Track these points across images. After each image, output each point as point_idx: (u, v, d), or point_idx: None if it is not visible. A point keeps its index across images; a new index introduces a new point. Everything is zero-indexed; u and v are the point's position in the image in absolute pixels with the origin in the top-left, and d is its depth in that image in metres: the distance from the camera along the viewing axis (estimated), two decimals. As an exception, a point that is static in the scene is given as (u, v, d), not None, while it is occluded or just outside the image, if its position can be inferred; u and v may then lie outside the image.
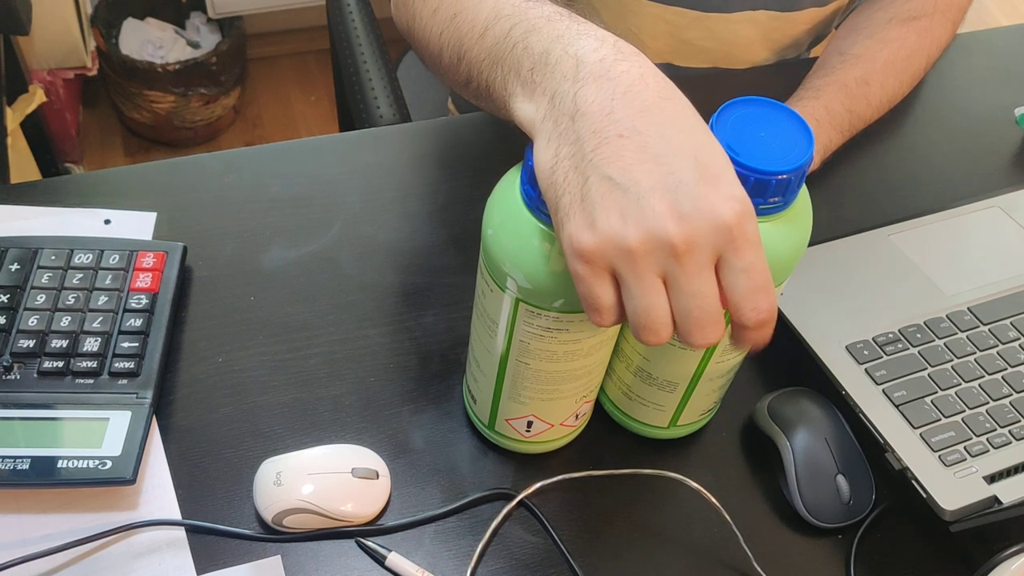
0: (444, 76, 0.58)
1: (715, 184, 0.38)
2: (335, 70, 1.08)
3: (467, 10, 0.53)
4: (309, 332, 0.65)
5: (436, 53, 0.57)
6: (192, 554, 0.54)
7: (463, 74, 0.53)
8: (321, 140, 0.77)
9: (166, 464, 0.58)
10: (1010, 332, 0.64)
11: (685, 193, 0.38)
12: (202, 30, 1.92)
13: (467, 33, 0.52)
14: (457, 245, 0.71)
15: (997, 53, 0.93)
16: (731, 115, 0.45)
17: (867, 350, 0.62)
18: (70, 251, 0.64)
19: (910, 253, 0.69)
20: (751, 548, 0.56)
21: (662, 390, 0.57)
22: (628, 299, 0.40)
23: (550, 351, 0.50)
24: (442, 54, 0.56)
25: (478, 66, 0.50)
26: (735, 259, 0.38)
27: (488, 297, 0.50)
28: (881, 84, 0.77)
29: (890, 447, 0.58)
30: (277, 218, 0.71)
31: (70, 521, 0.55)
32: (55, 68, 1.61)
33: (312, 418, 0.61)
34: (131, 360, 0.59)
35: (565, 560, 0.56)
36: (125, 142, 1.92)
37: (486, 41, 0.49)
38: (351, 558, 0.55)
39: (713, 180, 0.38)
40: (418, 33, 0.60)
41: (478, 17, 0.51)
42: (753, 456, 0.62)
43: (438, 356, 0.64)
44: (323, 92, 2.03)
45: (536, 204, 0.44)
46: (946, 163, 0.82)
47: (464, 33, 0.52)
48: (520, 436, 0.58)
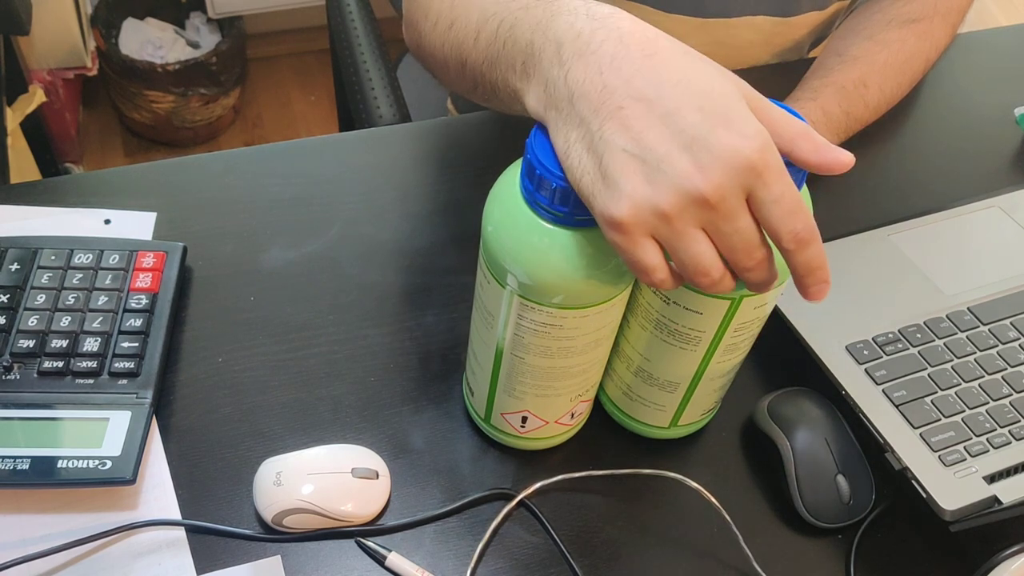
0: (453, 86, 0.59)
1: (726, 126, 0.39)
2: (335, 70, 1.08)
3: (461, 17, 0.54)
4: (309, 332, 0.65)
5: (443, 65, 0.58)
6: (192, 554, 0.54)
7: (469, 80, 0.54)
8: (321, 140, 0.77)
9: (166, 464, 0.58)
10: (1010, 332, 0.64)
11: (701, 145, 0.38)
12: (202, 30, 1.92)
13: (464, 40, 0.53)
14: (457, 245, 0.71)
15: (997, 53, 0.93)
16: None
17: (867, 350, 0.62)
18: (70, 251, 0.64)
19: (910, 253, 0.69)
20: (751, 548, 0.56)
21: (663, 390, 0.57)
22: (674, 255, 0.41)
23: (545, 347, 0.50)
24: (448, 64, 0.57)
25: (479, 69, 0.51)
26: (764, 193, 0.39)
27: (486, 290, 0.50)
28: (879, 86, 0.77)
29: (890, 447, 0.58)
30: (277, 218, 0.71)
31: (70, 521, 0.55)
32: (55, 68, 1.61)
33: (312, 418, 0.61)
34: (131, 360, 0.59)
35: (565, 560, 0.56)
36: (125, 142, 1.92)
37: (480, 44, 0.50)
38: (351, 558, 0.55)
39: (724, 122, 0.39)
40: (426, 49, 0.61)
41: (471, 22, 0.52)
42: (753, 456, 0.62)
43: (438, 356, 0.64)
44: (323, 92, 2.03)
45: (536, 200, 0.44)
46: (946, 163, 0.82)
47: (462, 40, 0.53)
48: (515, 431, 0.58)
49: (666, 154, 0.39)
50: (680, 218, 0.39)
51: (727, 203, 0.39)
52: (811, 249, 0.40)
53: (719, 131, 0.38)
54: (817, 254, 0.41)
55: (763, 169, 0.39)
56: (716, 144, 0.38)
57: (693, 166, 0.38)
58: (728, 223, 0.39)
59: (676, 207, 0.39)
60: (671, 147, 0.39)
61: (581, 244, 0.45)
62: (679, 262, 0.41)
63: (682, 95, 0.39)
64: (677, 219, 0.39)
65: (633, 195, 0.39)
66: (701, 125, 0.39)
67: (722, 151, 0.38)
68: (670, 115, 0.39)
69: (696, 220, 0.40)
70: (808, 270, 0.41)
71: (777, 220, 0.40)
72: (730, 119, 0.39)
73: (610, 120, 0.40)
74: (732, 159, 0.38)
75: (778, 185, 0.39)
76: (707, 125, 0.39)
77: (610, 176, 0.40)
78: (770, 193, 0.39)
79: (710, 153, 0.38)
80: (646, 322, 0.53)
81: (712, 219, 0.39)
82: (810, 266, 0.41)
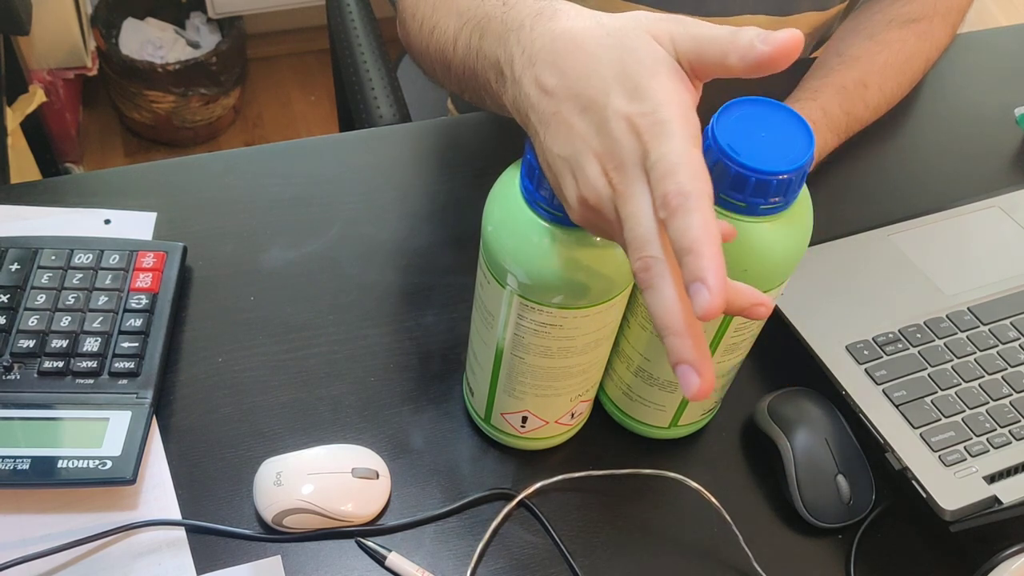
0: (443, 86, 0.59)
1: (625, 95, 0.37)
2: (335, 70, 1.08)
3: (441, 23, 0.54)
4: (309, 332, 0.65)
5: (430, 67, 0.59)
6: (192, 554, 0.54)
7: (455, 83, 0.54)
8: (321, 140, 0.77)
9: (166, 464, 0.58)
10: (1010, 332, 0.64)
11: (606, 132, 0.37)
12: (202, 30, 1.92)
13: (444, 45, 0.53)
14: (457, 245, 0.71)
15: (997, 53, 0.93)
16: (731, 115, 0.45)
17: (867, 350, 0.62)
18: (70, 251, 0.64)
19: (910, 253, 0.69)
20: (751, 548, 0.56)
21: (663, 390, 0.57)
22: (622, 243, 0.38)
23: (545, 347, 0.50)
24: (434, 67, 0.57)
25: (462, 74, 0.52)
26: (647, 161, 0.36)
27: (486, 290, 0.50)
28: (879, 86, 0.77)
29: (890, 447, 0.58)
30: (277, 218, 0.71)
31: (70, 521, 0.55)
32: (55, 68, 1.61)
33: (312, 418, 0.61)
34: (131, 360, 0.59)
35: (565, 560, 0.56)
36: (125, 142, 1.92)
37: (458, 52, 0.51)
38: (351, 558, 0.55)
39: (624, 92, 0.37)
40: (415, 48, 0.62)
41: (449, 29, 0.53)
42: (753, 456, 0.62)
43: (438, 356, 0.64)
44: (323, 92, 2.03)
45: (536, 200, 0.44)
46: (946, 163, 0.82)
47: (443, 45, 0.53)
48: (515, 431, 0.58)
49: (584, 145, 0.39)
50: (605, 208, 0.38)
51: (619, 176, 0.36)
52: (682, 219, 0.33)
53: (615, 102, 0.37)
54: (693, 227, 0.33)
55: (642, 131, 0.36)
56: (610, 117, 0.37)
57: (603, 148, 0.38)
58: (622, 207, 0.37)
59: (594, 197, 0.38)
60: (589, 137, 0.38)
61: (581, 244, 0.45)
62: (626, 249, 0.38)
63: (598, 82, 0.38)
64: (604, 209, 0.38)
65: (571, 199, 0.40)
66: (606, 108, 0.38)
67: (609, 121, 0.37)
68: (586, 107, 0.39)
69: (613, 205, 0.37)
70: (681, 248, 0.33)
71: (655, 186, 0.35)
72: (638, 96, 0.37)
73: (549, 128, 0.40)
74: (614, 126, 0.37)
75: (660, 147, 0.35)
76: (623, 105, 0.37)
77: (557, 185, 0.41)
78: (649, 158, 0.35)
79: (606, 125, 0.37)
80: (646, 322, 0.53)
81: (619, 204, 0.37)
82: (681, 243, 0.33)
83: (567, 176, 0.40)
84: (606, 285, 0.47)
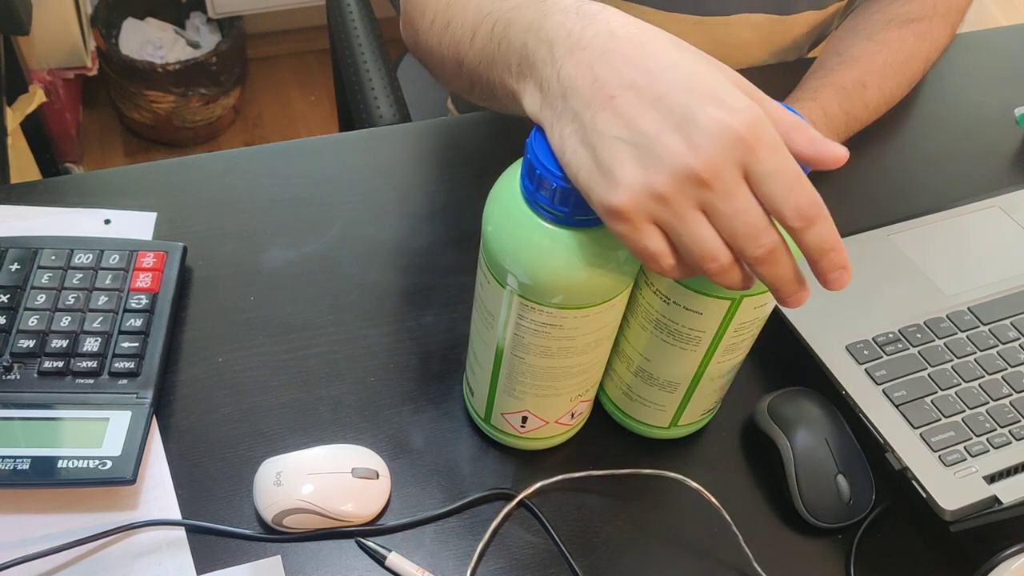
0: (450, 85, 0.59)
1: (716, 103, 0.38)
2: (335, 70, 1.08)
3: (457, 17, 0.54)
4: (309, 332, 0.65)
5: (439, 64, 0.58)
6: (192, 554, 0.54)
7: (466, 80, 0.54)
8: (321, 140, 0.77)
9: (166, 464, 0.58)
10: (1010, 332, 0.64)
11: (691, 124, 0.38)
12: (202, 30, 1.92)
13: (460, 40, 0.53)
14: (457, 245, 0.71)
15: (997, 53, 0.93)
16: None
17: (867, 350, 0.62)
18: (70, 251, 0.64)
19: (910, 253, 0.69)
20: (751, 548, 0.56)
21: (663, 390, 0.57)
22: (677, 240, 0.40)
23: (545, 347, 0.50)
24: (444, 64, 0.57)
25: (476, 70, 0.51)
26: (760, 167, 0.38)
27: (486, 290, 0.50)
28: (879, 86, 0.77)
29: (890, 447, 0.58)
30: (277, 218, 0.71)
31: (70, 521, 0.55)
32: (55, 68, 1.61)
33: (312, 418, 0.61)
34: (131, 360, 0.59)
35: (565, 560, 0.56)
36: (125, 142, 1.92)
37: (476, 45, 0.51)
38: (351, 558, 0.55)
39: (713, 100, 0.38)
40: (423, 47, 0.61)
41: (467, 22, 0.52)
42: (753, 456, 0.62)
43: (438, 356, 0.64)
44: (323, 92, 2.04)
45: (536, 200, 0.44)
46: (946, 163, 0.82)
47: (458, 40, 0.53)
48: (515, 431, 0.58)
49: (657, 136, 0.39)
50: (677, 200, 0.39)
51: (722, 180, 0.38)
52: (819, 226, 0.39)
53: (708, 108, 0.38)
54: (828, 233, 0.39)
55: (755, 142, 0.38)
56: (705, 121, 0.38)
57: (684, 145, 0.38)
58: (726, 202, 0.39)
59: (671, 188, 0.39)
60: (662, 129, 0.39)
61: (581, 244, 0.45)
62: (684, 248, 0.40)
63: (671, 79, 0.39)
64: (674, 200, 0.39)
65: (629, 181, 0.39)
66: (690, 105, 0.38)
67: (711, 127, 0.38)
68: (660, 99, 0.39)
69: (694, 201, 0.39)
70: (820, 252, 0.39)
71: (776, 196, 0.38)
72: (719, 96, 0.39)
73: (602, 111, 0.40)
74: (722, 133, 0.38)
75: (773, 158, 0.38)
76: (696, 104, 0.38)
77: (605, 166, 0.40)
78: (764, 167, 0.38)
79: (700, 130, 0.38)
80: (646, 322, 0.53)
81: (710, 199, 0.39)
82: (822, 247, 0.39)
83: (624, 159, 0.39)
84: (606, 285, 0.47)
